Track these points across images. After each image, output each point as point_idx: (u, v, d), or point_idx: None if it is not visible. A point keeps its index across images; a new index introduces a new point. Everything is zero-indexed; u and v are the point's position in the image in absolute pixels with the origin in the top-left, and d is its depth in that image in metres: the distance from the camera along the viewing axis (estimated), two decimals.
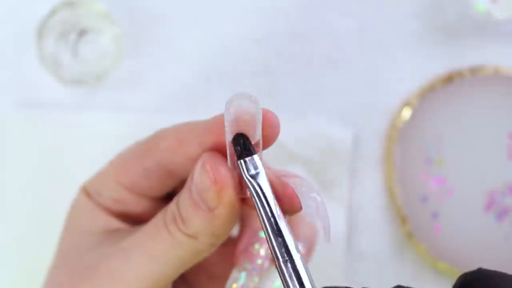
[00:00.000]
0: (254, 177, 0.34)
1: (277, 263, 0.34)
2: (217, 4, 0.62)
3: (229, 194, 0.35)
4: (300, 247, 0.43)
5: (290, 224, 0.44)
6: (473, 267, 0.59)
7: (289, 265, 0.33)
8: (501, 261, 0.59)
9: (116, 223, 0.42)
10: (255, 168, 0.34)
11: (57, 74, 0.60)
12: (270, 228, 0.34)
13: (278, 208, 0.34)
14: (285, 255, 0.34)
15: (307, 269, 0.33)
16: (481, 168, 0.59)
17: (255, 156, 0.35)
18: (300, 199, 0.35)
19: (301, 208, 0.35)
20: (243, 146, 0.34)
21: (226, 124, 0.34)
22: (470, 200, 0.59)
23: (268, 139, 0.36)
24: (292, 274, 0.33)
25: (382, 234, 0.60)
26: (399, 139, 0.60)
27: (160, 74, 0.62)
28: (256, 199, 0.34)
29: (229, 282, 0.41)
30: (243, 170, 0.34)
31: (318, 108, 0.61)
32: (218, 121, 0.36)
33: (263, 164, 0.35)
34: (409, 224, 0.59)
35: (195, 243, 0.37)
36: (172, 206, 0.38)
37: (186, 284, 0.45)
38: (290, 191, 0.35)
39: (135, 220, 0.43)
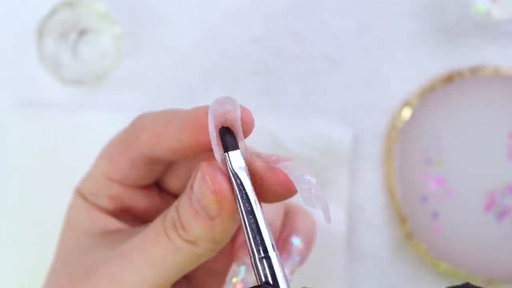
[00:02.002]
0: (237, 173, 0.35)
1: (252, 260, 0.34)
2: (217, 4, 0.62)
3: (230, 203, 0.35)
4: (298, 241, 0.43)
5: (288, 219, 0.44)
6: (473, 267, 0.59)
7: (264, 262, 0.34)
8: (501, 261, 0.59)
9: (115, 223, 0.42)
10: (239, 163, 0.36)
11: (57, 74, 0.60)
12: (249, 225, 0.35)
13: (258, 204, 0.35)
14: (262, 252, 0.34)
15: (282, 268, 0.34)
16: (481, 168, 0.59)
17: (240, 151, 0.35)
18: (294, 183, 0.35)
19: (296, 191, 0.36)
20: (229, 140, 0.35)
21: (210, 129, 0.35)
22: (470, 200, 0.59)
23: (244, 133, 0.36)
24: (268, 273, 0.34)
25: (382, 234, 0.60)
26: (399, 139, 0.60)
27: (160, 74, 0.62)
28: (238, 193, 0.35)
29: (228, 276, 0.41)
30: (229, 163, 0.35)
31: (318, 108, 0.61)
32: (194, 118, 0.37)
33: (248, 158, 0.36)
34: (409, 224, 0.59)
35: (194, 249, 0.37)
36: (171, 211, 0.38)
37: (186, 280, 0.45)
38: (283, 177, 0.36)
39: (132, 215, 0.43)
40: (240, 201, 0.35)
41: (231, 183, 0.36)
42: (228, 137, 0.35)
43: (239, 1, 0.61)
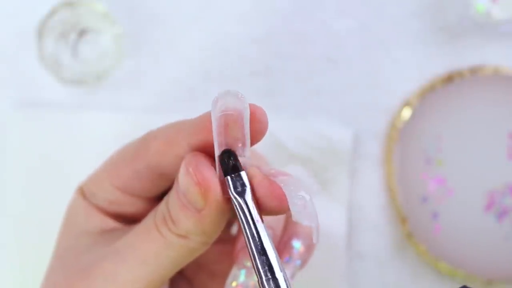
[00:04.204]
0: (240, 193, 0.35)
1: (259, 281, 0.34)
2: (217, 4, 0.62)
3: (215, 194, 0.35)
4: (299, 244, 0.43)
5: (290, 222, 0.44)
6: (473, 267, 0.59)
7: (272, 283, 0.34)
8: (501, 261, 0.59)
9: (112, 223, 0.42)
10: (242, 185, 0.35)
11: (57, 74, 0.60)
12: (255, 247, 0.34)
13: (263, 226, 0.35)
14: (268, 273, 0.34)
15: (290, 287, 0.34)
16: (481, 168, 0.59)
17: (242, 173, 0.35)
18: (287, 197, 0.35)
19: (288, 207, 0.35)
20: (230, 162, 0.35)
21: (213, 122, 0.34)
22: (470, 200, 0.59)
23: (256, 134, 0.36)
24: None
25: (382, 234, 0.60)
26: (399, 139, 0.60)
27: (160, 74, 0.62)
28: (242, 216, 0.35)
29: (228, 279, 0.41)
30: (229, 187, 0.35)
31: (318, 108, 0.61)
32: (205, 120, 0.36)
33: (250, 177, 0.35)
34: (409, 224, 0.59)
35: (186, 243, 0.37)
36: (162, 206, 0.38)
37: (187, 282, 0.45)
38: (278, 191, 0.35)
39: (130, 219, 0.43)
40: (245, 223, 0.35)
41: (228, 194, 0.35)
42: (229, 159, 0.35)
43: (239, 1, 0.61)
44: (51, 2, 0.60)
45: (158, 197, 0.43)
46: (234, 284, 0.41)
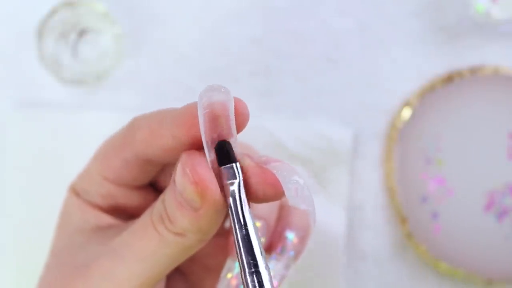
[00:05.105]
0: (232, 184, 0.35)
1: (242, 274, 0.34)
2: (217, 4, 0.62)
3: (212, 193, 0.35)
4: (293, 235, 0.43)
5: (283, 212, 0.44)
6: (473, 267, 0.59)
7: (255, 278, 0.34)
8: (501, 261, 0.59)
9: (107, 219, 0.42)
10: (234, 176, 0.35)
11: (57, 74, 0.60)
12: (241, 239, 0.35)
13: (252, 219, 0.35)
14: (252, 267, 0.34)
15: (272, 285, 0.34)
16: (481, 168, 0.59)
17: (237, 164, 0.35)
18: (281, 183, 0.35)
19: (284, 193, 0.35)
20: (225, 153, 0.35)
21: (199, 117, 0.35)
22: (470, 200, 0.59)
23: (238, 126, 0.36)
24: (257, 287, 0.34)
25: (382, 234, 0.60)
26: (399, 139, 0.60)
27: (160, 74, 0.62)
28: (233, 208, 0.35)
29: (223, 271, 0.41)
30: (223, 178, 0.35)
31: (318, 108, 0.61)
32: (188, 112, 0.36)
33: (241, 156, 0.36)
34: (409, 224, 0.59)
35: (183, 241, 0.37)
36: (158, 204, 0.38)
37: (182, 275, 0.45)
38: (271, 177, 0.35)
39: (125, 213, 0.43)
40: (234, 215, 0.35)
41: (222, 188, 0.36)
42: (225, 150, 0.35)
43: (238, 1, 0.61)
44: (51, 2, 0.60)
45: (149, 188, 0.43)
46: (229, 275, 0.41)
